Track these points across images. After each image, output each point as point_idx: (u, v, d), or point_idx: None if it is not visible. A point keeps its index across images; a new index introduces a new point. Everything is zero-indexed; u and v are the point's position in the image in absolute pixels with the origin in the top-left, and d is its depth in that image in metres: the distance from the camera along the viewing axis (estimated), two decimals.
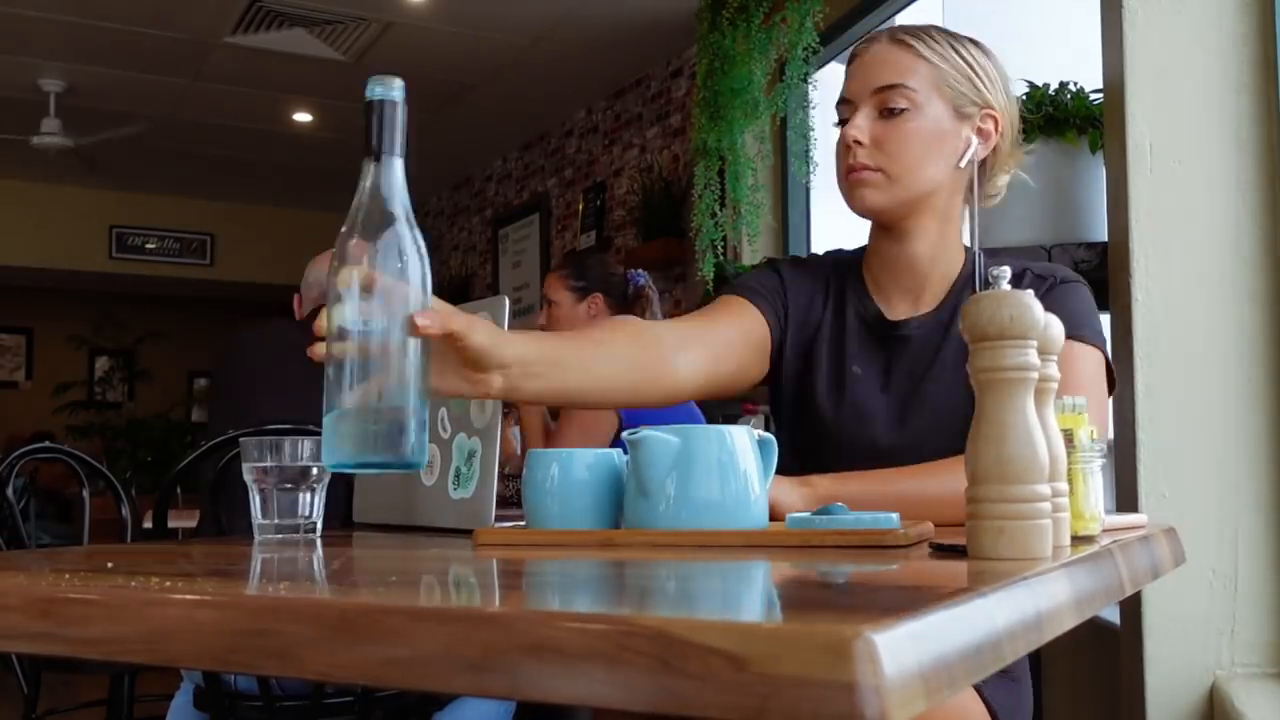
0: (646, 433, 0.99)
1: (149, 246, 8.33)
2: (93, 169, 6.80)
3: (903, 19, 3.95)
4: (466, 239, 7.60)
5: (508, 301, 1.21)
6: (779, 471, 1.15)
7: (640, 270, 3.09)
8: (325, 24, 5.18)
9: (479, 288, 7.33)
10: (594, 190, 6.07)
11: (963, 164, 1.43)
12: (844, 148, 1.45)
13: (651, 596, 0.72)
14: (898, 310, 1.50)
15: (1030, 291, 0.82)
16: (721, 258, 3.86)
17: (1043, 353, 0.85)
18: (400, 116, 0.98)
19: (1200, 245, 1.92)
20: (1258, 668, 1.87)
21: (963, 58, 1.45)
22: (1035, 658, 1.54)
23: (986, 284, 0.84)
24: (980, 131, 1.45)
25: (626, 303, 2.99)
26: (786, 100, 3.54)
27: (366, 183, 0.97)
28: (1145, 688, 1.88)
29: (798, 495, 1.25)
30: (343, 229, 0.96)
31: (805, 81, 3.42)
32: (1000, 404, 0.80)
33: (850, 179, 1.44)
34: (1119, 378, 2.01)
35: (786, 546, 0.93)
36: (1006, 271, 0.84)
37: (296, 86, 6.04)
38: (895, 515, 0.96)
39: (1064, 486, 0.90)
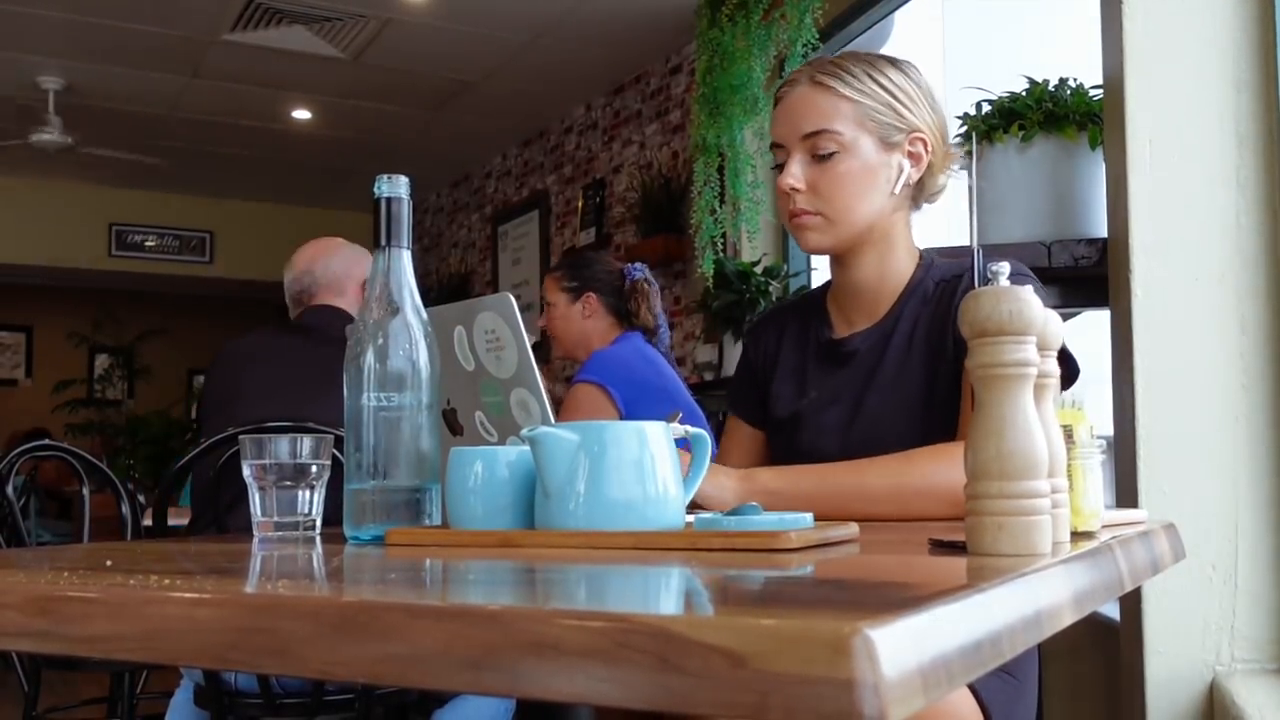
0: (544, 430, 0.97)
1: (148, 244, 8.32)
2: (89, 167, 6.80)
3: (902, 17, 3.95)
4: (466, 236, 7.60)
5: (513, 299, 1.21)
6: None
7: (638, 264, 3.08)
8: (324, 21, 5.17)
9: (478, 285, 7.32)
10: (593, 187, 6.06)
11: (897, 190, 1.49)
12: (781, 194, 1.49)
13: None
14: (855, 328, 1.56)
15: (1030, 287, 0.82)
16: (721, 254, 3.86)
17: (1042, 348, 0.85)
18: (406, 212, 1.12)
19: (1200, 242, 1.92)
20: (1257, 663, 1.87)
21: (883, 87, 1.47)
22: (1038, 655, 1.54)
23: (986, 280, 0.84)
24: (910, 155, 1.49)
25: (622, 298, 2.99)
26: None
27: (378, 269, 1.11)
28: (1145, 683, 1.88)
29: (731, 490, 1.27)
30: (358, 313, 1.12)
31: None
32: (999, 400, 0.80)
33: (793, 224, 1.50)
34: (1119, 376, 2.01)
35: (671, 549, 0.91)
36: (1005, 268, 0.84)
37: (296, 84, 6.04)
38: (809, 516, 0.95)
39: (1063, 482, 0.90)
